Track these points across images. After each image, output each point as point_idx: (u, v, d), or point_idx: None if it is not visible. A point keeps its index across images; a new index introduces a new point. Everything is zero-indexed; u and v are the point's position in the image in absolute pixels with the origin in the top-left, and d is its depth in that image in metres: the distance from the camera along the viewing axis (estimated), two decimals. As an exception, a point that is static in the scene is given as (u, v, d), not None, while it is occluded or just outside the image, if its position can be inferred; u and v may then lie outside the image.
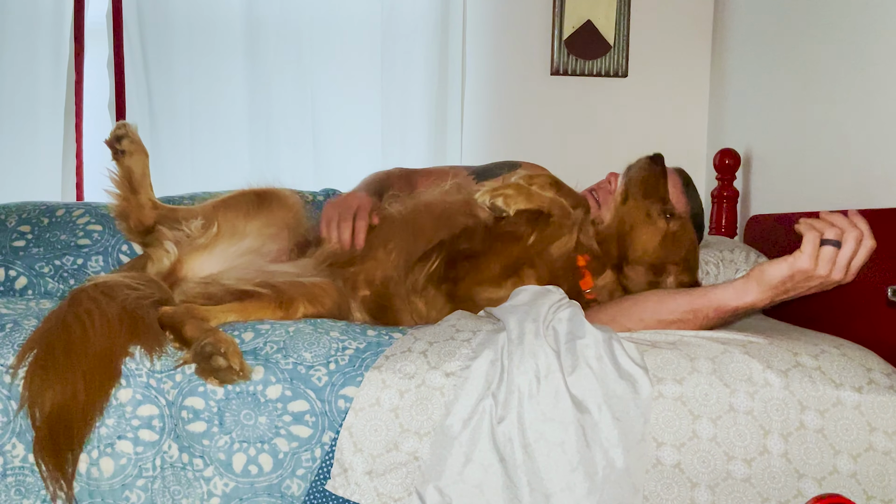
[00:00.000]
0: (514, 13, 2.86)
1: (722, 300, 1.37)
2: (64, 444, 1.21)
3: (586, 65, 2.84)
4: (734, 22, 2.66)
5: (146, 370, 1.27)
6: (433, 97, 2.82)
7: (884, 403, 1.21)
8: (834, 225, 1.28)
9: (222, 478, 1.24)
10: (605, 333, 1.30)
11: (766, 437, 1.22)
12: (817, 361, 1.27)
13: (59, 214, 1.86)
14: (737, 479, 1.21)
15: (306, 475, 1.24)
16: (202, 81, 2.79)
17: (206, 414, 1.25)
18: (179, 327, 1.30)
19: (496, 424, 1.20)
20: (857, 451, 1.20)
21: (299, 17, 2.80)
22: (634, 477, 1.19)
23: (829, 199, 1.84)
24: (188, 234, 1.53)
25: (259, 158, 2.81)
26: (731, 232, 2.43)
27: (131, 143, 1.54)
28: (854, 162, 1.78)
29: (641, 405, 1.22)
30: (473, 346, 1.30)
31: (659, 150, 1.71)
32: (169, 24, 2.76)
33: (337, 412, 1.25)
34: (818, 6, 1.99)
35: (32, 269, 1.74)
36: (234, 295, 1.43)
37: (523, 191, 1.52)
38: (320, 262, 1.58)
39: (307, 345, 1.30)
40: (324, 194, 2.14)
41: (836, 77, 1.88)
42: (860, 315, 1.49)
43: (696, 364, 1.27)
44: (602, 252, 1.59)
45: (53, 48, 2.72)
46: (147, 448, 1.25)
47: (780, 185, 2.23)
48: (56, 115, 2.73)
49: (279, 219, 1.63)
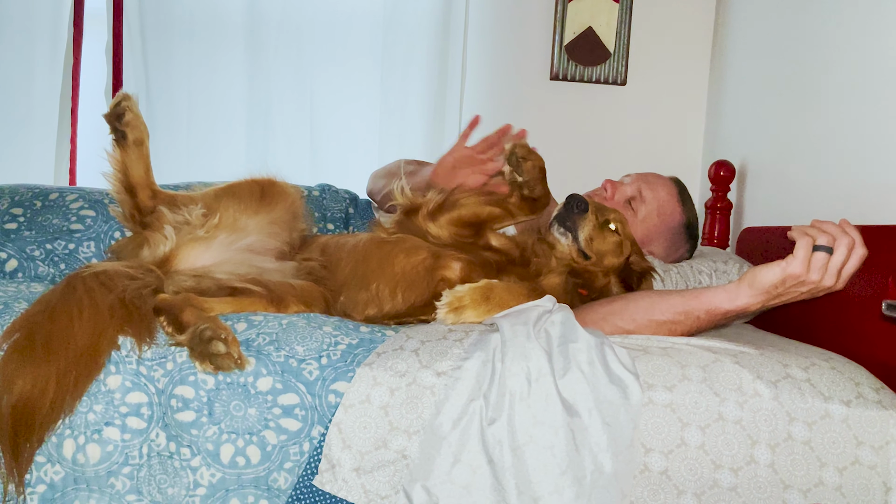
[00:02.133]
0: (516, 17, 2.87)
1: (714, 302, 1.38)
2: (23, 436, 1.19)
3: (586, 71, 2.85)
4: (734, 35, 2.68)
5: (136, 357, 1.26)
6: (432, 96, 2.82)
7: (871, 418, 1.22)
8: (826, 232, 1.29)
9: (209, 468, 1.24)
10: (598, 338, 1.31)
11: (754, 447, 1.22)
12: (807, 374, 1.28)
13: (52, 198, 1.85)
14: (723, 488, 1.21)
15: (294, 469, 1.24)
16: (201, 71, 2.78)
17: (195, 403, 1.24)
18: (178, 313, 1.30)
19: (486, 426, 1.20)
20: (843, 465, 1.21)
21: (302, 12, 2.79)
22: (622, 482, 1.19)
23: (823, 214, 1.86)
24: (188, 221, 1.50)
25: (256, 150, 2.80)
26: (723, 243, 2.45)
27: (134, 118, 1.50)
28: (848, 178, 1.79)
29: (631, 411, 1.22)
30: (466, 346, 1.30)
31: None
32: (170, 11, 2.75)
33: (327, 407, 1.24)
34: (817, 23, 2.01)
35: (24, 252, 1.73)
36: (226, 291, 1.43)
37: (477, 292, 1.41)
38: (299, 270, 1.58)
39: (300, 338, 1.30)
40: (319, 189, 2.14)
41: (832, 94, 1.90)
42: (852, 329, 1.50)
43: (687, 372, 1.27)
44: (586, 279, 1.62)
45: (52, 32, 2.70)
46: (134, 436, 1.24)
47: (773, 198, 2.25)
48: (52, 99, 2.72)
49: (279, 216, 1.61)
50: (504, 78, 2.89)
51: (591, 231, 1.60)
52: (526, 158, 1.57)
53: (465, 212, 1.61)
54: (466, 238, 1.61)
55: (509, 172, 1.59)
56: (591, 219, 1.61)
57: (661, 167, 2.23)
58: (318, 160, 2.83)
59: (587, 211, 1.60)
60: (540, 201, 1.61)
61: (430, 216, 1.61)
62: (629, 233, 1.67)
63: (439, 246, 1.57)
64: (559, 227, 1.61)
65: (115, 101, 1.51)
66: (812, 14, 2.04)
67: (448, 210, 1.61)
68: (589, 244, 1.60)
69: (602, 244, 1.61)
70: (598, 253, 1.61)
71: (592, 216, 1.61)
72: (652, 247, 1.97)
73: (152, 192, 1.56)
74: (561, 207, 1.63)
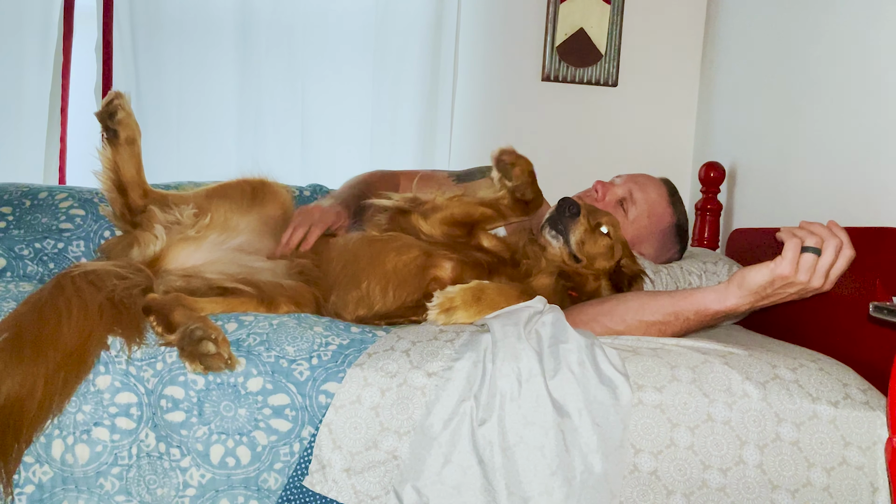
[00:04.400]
0: (508, 17, 2.87)
1: (703, 303, 1.39)
2: (10, 437, 1.19)
3: (577, 72, 2.86)
4: (724, 37, 2.69)
5: (126, 357, 1.26)
6: (424, 97, 2.82)
7: (859, 419, 1.23)
8: (814, 233, 1.30)
9: (199, 468, 1.24)
10: (588, 339, 1.31)
11: (743, 448, 1.23)
12: (795, 375, 1.29)
13: (41, 197, 1.84)
14: (712, 489, 1.22)
15: (284, 469, 1.24)
16: (191, 71, 2.76)
17: (185, 404, 1.24)
18: (167, 313, 1.29)
19: (477, 426, 1.20)
20: (830, 465, 1.22)
21: (293, 11, 2.79)
22: (612, 483, 1.20)
23: (812, 216, 1.86)
24: (179, 221, 1.50)
25: (246, 150, 2.79)
26: (713, 244, 2.46)
27: (126, 116, 1.49)
28: (837, 180, 1.80)
29: (621, 411, 1.23)
30: (456, 346, 1.30)
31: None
32: (161, 10, 2.73)
33: (317, 407, 1.24)
34: (807, 25, 2.02)
35: (12, 250, 1.72)
36: (217, 290, 1.42)
37: (468, 293, 1.41)
38: (290, 269, 1.57)
39: (290, 339, 1.30)
40: (311, 189, 2.14)
41: (822, 96, 1.91)
42: (840, 330, 1.51)
43: (677, 373, 1.28)
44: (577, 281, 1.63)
45: (41, 30, 2.68)
46: (124, 436, 1.24)
47: (763, 199, 2.26)
48: (41, 98, 2.69)
49: (271, 216, 1.61)
50: (496, 79, 2.89)
51: (583, 234, 1.60)
52: (514, 164, 1.57)
53: (457, 211, 1.61)
54: (458, 237, 1.61)
55: (499, 179, 1.59)
56: (582, 222, 1.61)
57: (652, 168, 2.24)
58: (309, 160, 2.83)
59: (579, 214, 1.61)
60: (532, 203, 1.62)
61: (423, 215, 1.61)
62: (621, 236, 1.68)
63: (431, 244, 1.57)
64: (550, 230, 1.61)
65: (108, 99, 1.50)
66: (802, 17, 2.06)
67: (441, 209, 1.61)
68: (580, 247, 1.60)
69: (593, 247, 1.61)
70: (589, 256, 1.61)
71: (584, 220, 1.61)
72: (642, 248, 1.97)
73: (143, 192, 1.55)
74: (553, 210, 1.63)
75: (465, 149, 2.88)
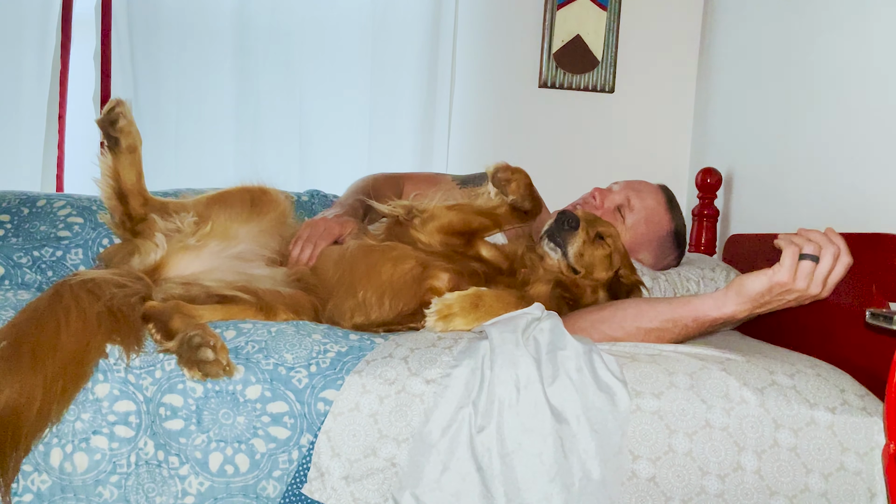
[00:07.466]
0: (505, 24, 2.88)
1: (701, 310, 1.39)
2: (9, 445, 1.18)
3: (574, 79, 2.87)
4: (721, 43, 2.70)
5: (125, 366, 1.26)
6: (421, 104, 2.83)
7: (856, 424, 1.23)
8: (812, 240, 1.31)
9: (198, 476, 1.23)
10: (586, 346, 1.31)
11: (741, 454, 1.23)
12: (793, 381, 1.29)
13: (39, 205, 1.84)
14: (710, 495, 1.22)
15: (283, 477, 1.24)
16: (189, 77, 2.77)
17: (184, 412, 1.24)
18: (166, 320, 1.29)
19: (475, 433, 1.21)
20: (828, 471, 1.22)
21: (290, 17, 2.79)
22: (610, 489, 1.20)
23: (809, 222, 1.87)
24: (179, 229, 1.50)
25: (244, 157, 2.79)
26: (710, 250, 2.47)
27: (128, 124, 1.49)
28: (834, 186, 1.81)
29: (619, 418, 1.23)
30: (455, 353, 1.30)
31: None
32: (158, 18, 2.74)
33: (316, 415, 1.24)
34: (803, 32, 2.03)
35: (10, 259, 1.72)
36: (216, 298, 1.42)
37: (466, 300, 1.41)
38: (289, 277, 1.58)
39: (289, 346, 1.30)
40: (309, 195, 2.14)
41: (819, 102, 1.92)
42: (837, 336, 1.51)
43: (675, 379, 1.28)
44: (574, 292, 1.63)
45: (39, 38, 2.69)
46: (122, 444, 1.24)
47: (760, 205, 2.27)
48: (39, 106, 2.70)
49: (270, 224, 1.61)
50: (493, 85, 2.90)
51: (581, 246, 1.61)
52: (510, 180, 1.57)
53: (455, 220, 1.61)
54: (457, 246, 1.62)
55: (496, 194, 1.59)
56: (581, 235, 1.61)
57: (649, 174, 2.24)
58: (307, 166, 2.83)
59: (577, 228, 1.61)
60: (531, 212, 1.62)
61: (421, 223, 1.61)
62: (620, 246, 1.68)
63: (428, 254, 1.58)
64: (549, 243, 1.62)
65: (109, 106, 1.50)
66: (799, 23, 2.07)
67: (438, 218, 1.61)
68: (579, 259, 1.60)
69: (592, 258, 1.61)
70: (588, 266, 1.61)
71: (583, 232, 1.61)
72: (640, 254, 1.98)
73: (144, 200, 1.55)
74: (552, 223, 1.63)
75: (462, 155, 2.88)
